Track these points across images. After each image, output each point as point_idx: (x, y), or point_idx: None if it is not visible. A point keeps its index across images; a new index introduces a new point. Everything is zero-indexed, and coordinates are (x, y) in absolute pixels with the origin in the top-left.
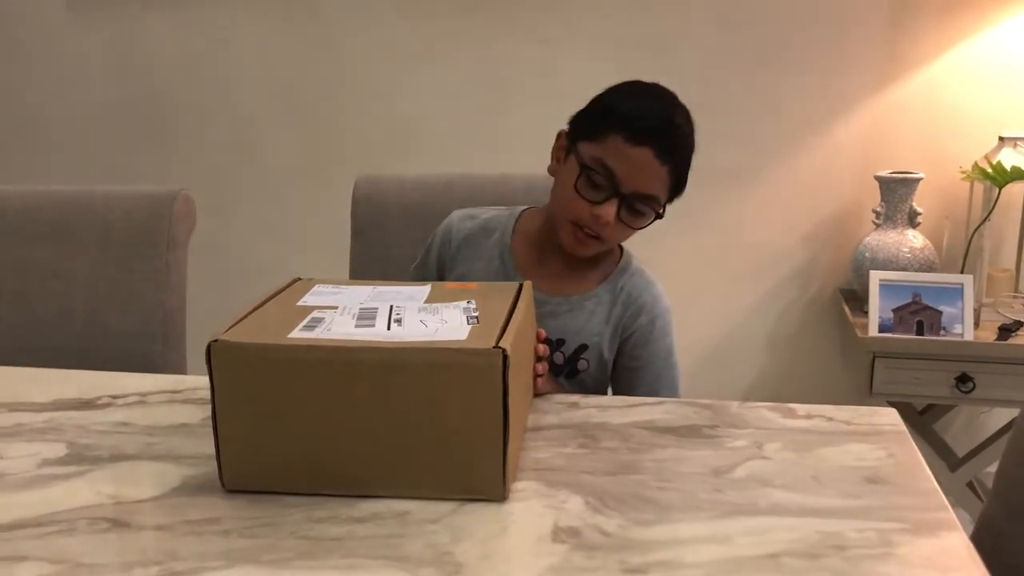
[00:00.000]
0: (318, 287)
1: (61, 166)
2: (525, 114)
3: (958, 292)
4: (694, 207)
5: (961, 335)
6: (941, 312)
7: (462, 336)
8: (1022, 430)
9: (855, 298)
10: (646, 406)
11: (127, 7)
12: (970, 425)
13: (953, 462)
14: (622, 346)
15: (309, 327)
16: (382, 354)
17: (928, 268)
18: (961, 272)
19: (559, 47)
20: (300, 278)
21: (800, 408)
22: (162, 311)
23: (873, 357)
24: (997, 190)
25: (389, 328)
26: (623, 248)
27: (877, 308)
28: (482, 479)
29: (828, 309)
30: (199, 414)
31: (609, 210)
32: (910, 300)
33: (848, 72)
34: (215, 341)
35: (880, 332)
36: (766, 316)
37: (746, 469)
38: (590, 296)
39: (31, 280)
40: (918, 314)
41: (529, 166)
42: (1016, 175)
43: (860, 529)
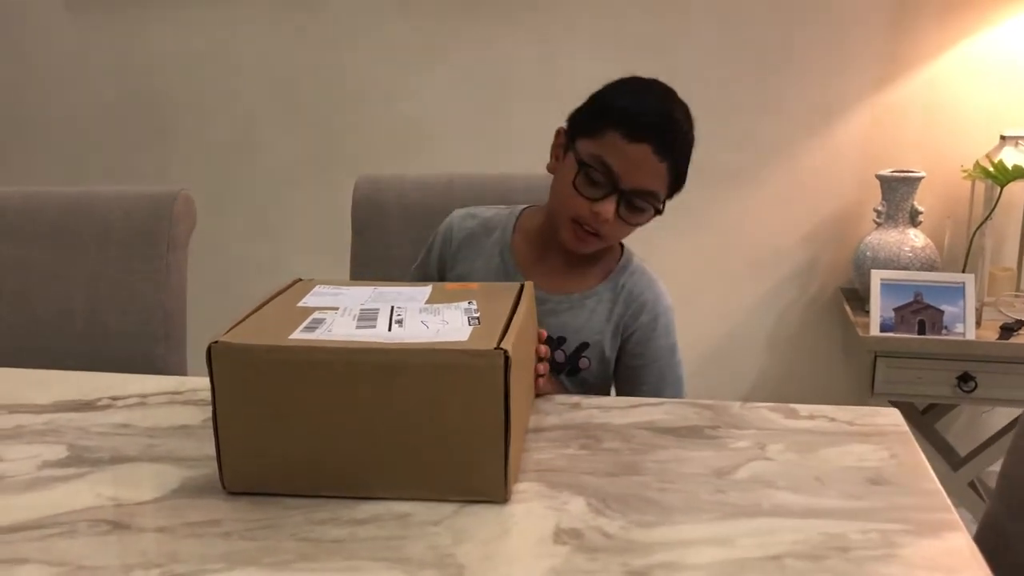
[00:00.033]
0: (319, 288)
1: (61, 166)
2: (525, 114)
3: (960, 291)
4: (695, 207)
5: (963, 334)
6: (943, 311)
7: (463, 337)
8: None
9: (856, 297)
10: (647, 407)
11: (127, 7)
12: (972, 424)
13: (955, 462)
14: (624, 344)
15: (310, 328)
16: (383, 355)
17: (929, 267)
18: (963, 271)
19: (559, 47)
20: (301, 279)
21: (802, 408)
22: (162, 311)
23: (874, 356)
24: (998, 189)
25: (390, 329)
26: (623, 246)
27: (878, 307)
28: (483, 480)
29: (829, 308)
30: (200, 415)
31: (608, 207)
32: (911, 299)
33: (849, 71)
34: (216, 342)
35: (881, 331)
36: (767, 316)
37: (748, 470)
38: (591, 294)
39: (31, 280)
40: (919, 313)
41: (529, 166)
42: (1017, 174)
43: (863, 530)
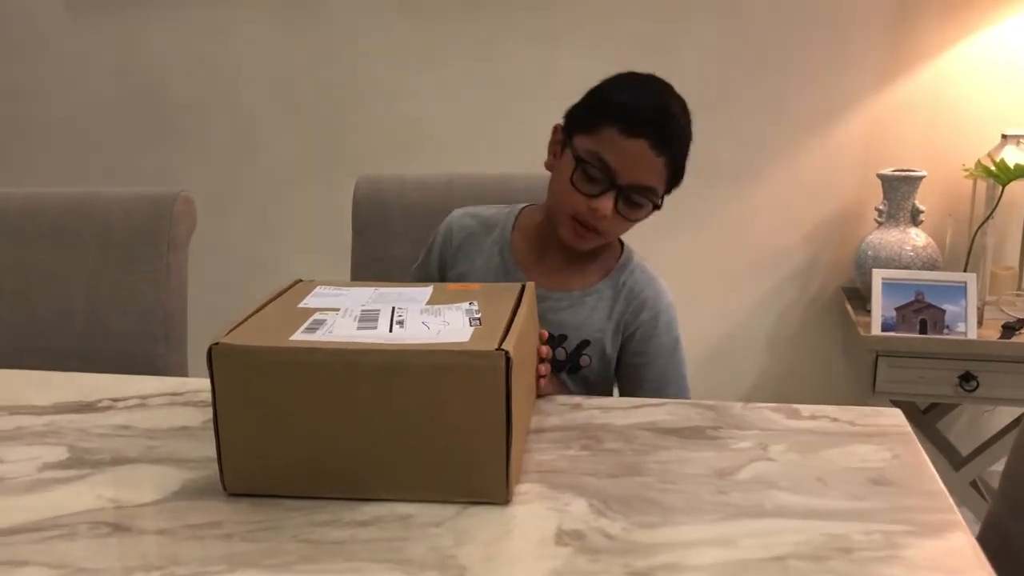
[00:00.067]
0: (319, 289)
1: (61, 166)
2: (525, 114)
3: (961, 290)
4: (695, 206)
5: (964, 334)
6: (944, 311)
7: (464, 338)
8: None
9: (857, 297)
10: (649, 407)
11: (127, 7)
12: (974, 424)
13: (957, 461)
14: (626, 342)
15: (311, 329)
16: (384, 356)
17: (931, 266)
18: (964, 270)
19: (559, 47)
20: (301, 280)
21: (804, 409)
22: (163, 312)
23: (876, 356)
24: (1000, 188)
25: (391, 330)
26: (623, 243)
27: (880, 307)
28: (485, 482)
29: (830, 308)
30: (200, 417)
31: (606, 203)
32: (913, 299)
33: (850, 70)
34: (217, 344)
35: (883, 331)
36: (768, 315)
37: (750, 471)
38: (591, 291)
39: (32, 281)
40: (921, 313)
41: (529, 166)
42: (1019, 173)
43: (866, 531)
